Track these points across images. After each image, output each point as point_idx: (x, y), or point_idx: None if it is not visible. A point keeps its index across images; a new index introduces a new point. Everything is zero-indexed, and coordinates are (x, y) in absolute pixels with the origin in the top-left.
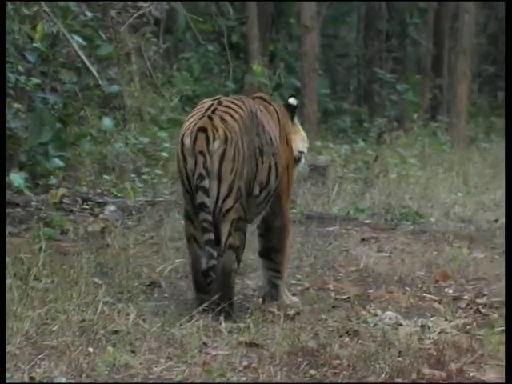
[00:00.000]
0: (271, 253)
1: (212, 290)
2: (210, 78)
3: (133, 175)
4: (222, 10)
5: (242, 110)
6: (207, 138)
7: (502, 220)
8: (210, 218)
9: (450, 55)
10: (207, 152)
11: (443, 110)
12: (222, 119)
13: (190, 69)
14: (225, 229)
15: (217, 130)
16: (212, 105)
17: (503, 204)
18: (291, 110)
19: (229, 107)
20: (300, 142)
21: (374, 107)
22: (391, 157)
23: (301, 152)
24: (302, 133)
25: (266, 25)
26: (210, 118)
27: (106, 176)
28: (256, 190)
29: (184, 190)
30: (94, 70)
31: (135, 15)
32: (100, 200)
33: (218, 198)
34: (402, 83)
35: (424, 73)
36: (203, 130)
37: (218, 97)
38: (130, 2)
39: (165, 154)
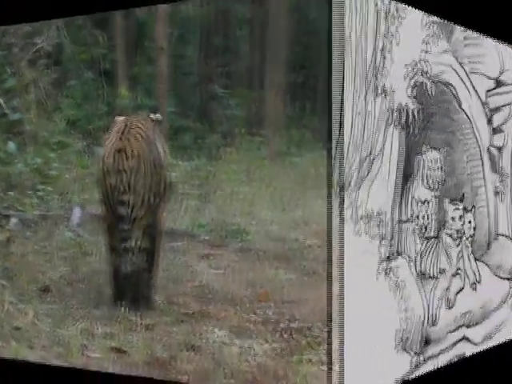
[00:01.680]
0: None
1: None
2: (89, 102)
3: (30, 192)
4: (98, 39)
5: (146, 128)
6: (126, 158)
7: (309, 241)
8: (127, 227)
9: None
10: (124, 170)
11: (262, 124)
12: (136, 138)
13: (74, 95)
14: (137, 234)
15: (132, 150)
16: (126, 126)
17: (310, 222)
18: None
19: (138, 127)
20: None
21: (211, 123)
22: (225, 173)
23: None
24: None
25: (131, 50)
26: (127, 139)
27: (10, 192)
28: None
29: (107, 204)
30: (1, 101)
31: (33, 50)
32: (6, 213)
33: (133, 208)
34: (234, 98)
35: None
36: (121, 150)
37: (126, 117)
38: (28, 40)
39: (55, 173)
